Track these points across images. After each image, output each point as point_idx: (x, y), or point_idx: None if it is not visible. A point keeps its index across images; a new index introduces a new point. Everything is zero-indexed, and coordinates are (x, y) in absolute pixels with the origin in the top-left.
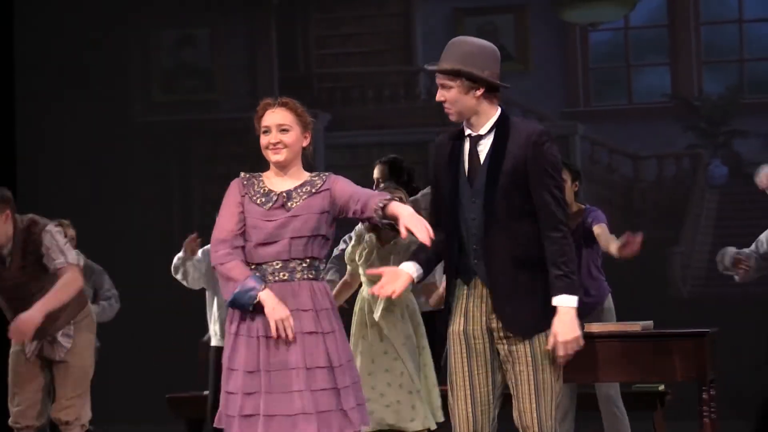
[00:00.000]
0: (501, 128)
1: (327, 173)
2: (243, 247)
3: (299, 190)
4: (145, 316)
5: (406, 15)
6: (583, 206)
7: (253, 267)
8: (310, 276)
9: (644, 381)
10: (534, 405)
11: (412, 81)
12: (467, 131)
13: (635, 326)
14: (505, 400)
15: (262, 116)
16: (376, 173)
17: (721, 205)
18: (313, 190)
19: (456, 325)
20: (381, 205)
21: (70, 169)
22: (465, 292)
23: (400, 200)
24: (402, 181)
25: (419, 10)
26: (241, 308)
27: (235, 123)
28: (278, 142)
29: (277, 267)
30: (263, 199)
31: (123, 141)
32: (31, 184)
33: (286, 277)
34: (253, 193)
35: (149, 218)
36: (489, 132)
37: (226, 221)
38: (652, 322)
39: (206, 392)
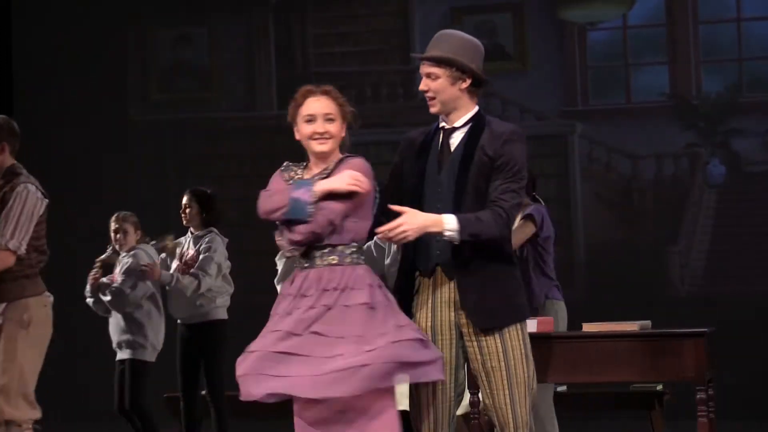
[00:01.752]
0: (476, 123)
1: (346, 156)
2: None
3: (321, 174)
4: None
5: (404, 14)
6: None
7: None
8: (333, 262)
9: (642, 381)
10: (509, 401)
11: (410, 80)
12: (441, 124)
13: (633, 326)
14: None
15: (302, 104)
16: None
17: (719, 204)
18: (329, 169)
19: (423, 321)
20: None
21: (66, 167)
22: (429, 285)
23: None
24: None
25: (417, 8)
26: (303, 216)
27: (233, 122)
28: (325, 132)
29: (326, 251)
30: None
31: (120, 139)
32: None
33: (335, 261)
34: (289, 178)
35: (146, 217)
36: (463, 125)
37: (272, 186)
38: (650, 321)
39: (204, 391)
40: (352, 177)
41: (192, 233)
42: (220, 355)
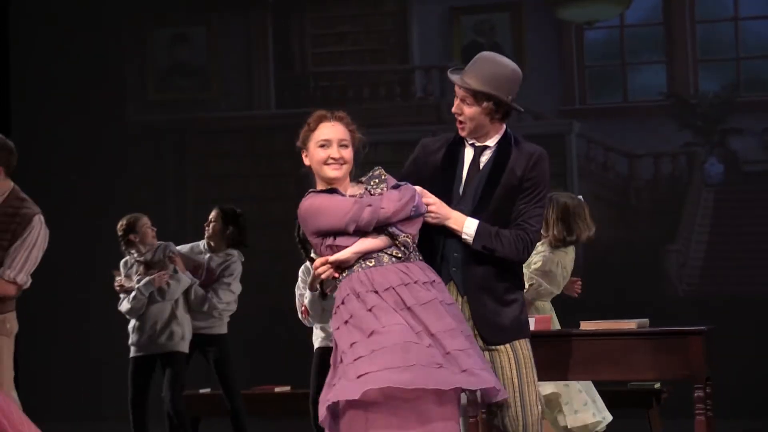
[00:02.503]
0: (505, 143)
1: (378, 172)
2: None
3: (370, 185)
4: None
5: (402, 13)
6: None
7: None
8: (399, 256)
9: (640, 379)
10: (520, 411)
11: (408, 79)
12: (471, 140)
13: (631, 324)
14: None
15: (315, 129)
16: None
17: (717, 203)
18: (377, 182)
19: None
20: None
21: (63, 167)
22: None
23: None
24: None
25: (415, 8)
26: (421, 212)
27: (231, 122)
28: (340, 158)
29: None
30: None
31: (118, 140)
32: (26, 182)
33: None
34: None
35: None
36: (494, 145)
37: (335, 201)
38: (647, 319)
39: (203, 390)
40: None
41: (211, 247)
42: (230, 364)
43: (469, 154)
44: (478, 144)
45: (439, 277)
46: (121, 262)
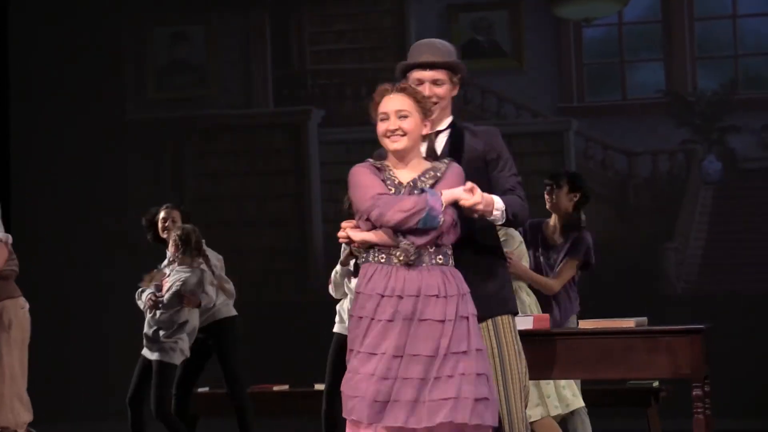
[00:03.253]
0: (456, 126)
1: (448, 160)
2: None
3: (422, 178)
4: (139, 313)
5: (400, 11)
6: (581, 222)
7: (382, 252)
8: (440, 261)
9: (638, 377)
10: (503, 395)
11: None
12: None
13: (629, 322)
14: None
15: (379, 102)
16: None
17: (715, 200)
18: (438, 175)
19: None
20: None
21: (63, 165)
22: None
23: None
24: None
25: (413, 6)
26: (435, 225)
27: (229, 119)
28: (397, 129)
29: (432, 251)
30: (393, 190)
31: (117, 138)
32: (25, 180)
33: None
34: (385, 178)
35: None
36: (447, 128)
37: (370, 183)
38: (646, 318)
39: (202, 389)
40: (470, 188)
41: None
42: (234, 353)
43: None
44: (430, 130)
45: (462, 287)
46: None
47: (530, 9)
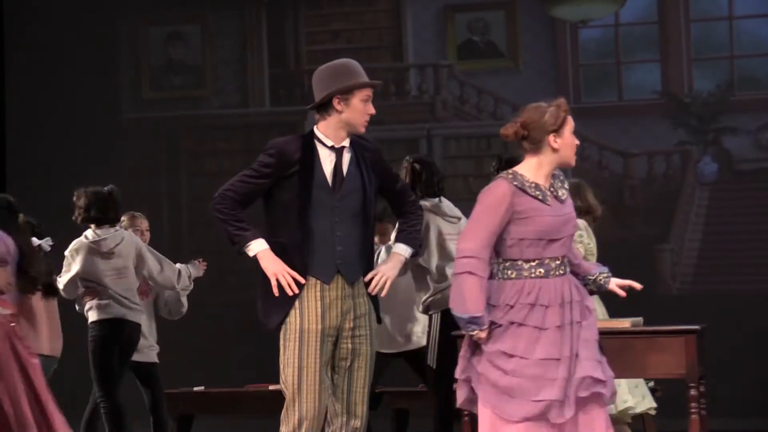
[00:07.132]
0: (352, 142)
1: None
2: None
3: (555, 185)
4: None
5: (396, 11)
6: None
7: (534, 262)
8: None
9: (634, 377)
10: (365, 398)
11: (402, 77)
12: (329, 143)
13: (625, 323)
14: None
15: (566, 117)
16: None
17: (711, 202)
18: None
19: (312, 324)
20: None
21: (59, 165)
22: (319, 292)
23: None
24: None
25: (409, 6)
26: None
27: (225, 119)
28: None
29: (558, 263)
30: (539, 194)
31: (112, 137)
32: (21, 180)
33: (563, 272)
34: (526, 186)
35: None
36: (349, 144)
37: (487, 222)
38: (641, 318)
39: (197, 388)
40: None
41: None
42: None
43: (331, 157)
44: (337, 146)
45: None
46: None
47: (526, 10)
